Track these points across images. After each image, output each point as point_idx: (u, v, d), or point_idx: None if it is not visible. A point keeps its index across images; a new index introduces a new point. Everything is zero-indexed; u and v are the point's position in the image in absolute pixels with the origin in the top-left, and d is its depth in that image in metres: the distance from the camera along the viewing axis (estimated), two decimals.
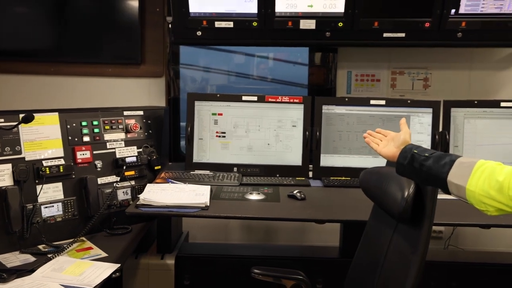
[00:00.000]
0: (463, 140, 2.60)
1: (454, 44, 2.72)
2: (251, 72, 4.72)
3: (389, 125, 2.61)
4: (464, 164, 1.33)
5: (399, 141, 1.61)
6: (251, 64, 4.77)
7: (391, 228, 1.70)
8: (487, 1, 2.56)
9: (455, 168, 1.33)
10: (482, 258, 2.64)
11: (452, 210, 2.14)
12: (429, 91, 3.18)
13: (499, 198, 1.24)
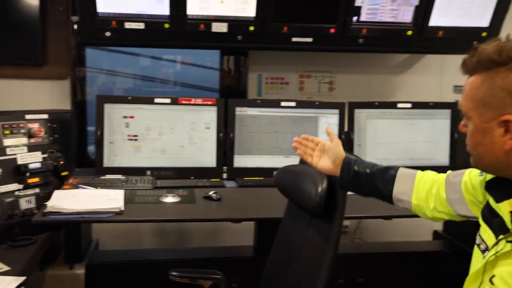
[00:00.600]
0: (366, 139, 2.78)
1: (356, 49, 2.91)
2: (159, 75, 4.65)
3: (298, 126, 2.72)
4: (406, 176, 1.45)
5: (334, 154, 1.57)
6: (158, 67, 4.70)
7: (305, 223, 1.78)
8: (384, 10, 2.77)
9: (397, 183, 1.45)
10: (384, 248, 2.84)
11: (357, 204, 2.27)
12: (334, 93, 3.36)
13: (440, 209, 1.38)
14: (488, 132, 1.03)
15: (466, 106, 1.08)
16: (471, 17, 2.86)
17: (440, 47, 3.00)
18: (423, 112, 2.84)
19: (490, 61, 1.01)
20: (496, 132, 1.02)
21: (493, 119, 1.02)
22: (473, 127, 1.07)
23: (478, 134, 1.06)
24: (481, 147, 1.06)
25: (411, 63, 3.45)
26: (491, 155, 1.05)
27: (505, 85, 0.98)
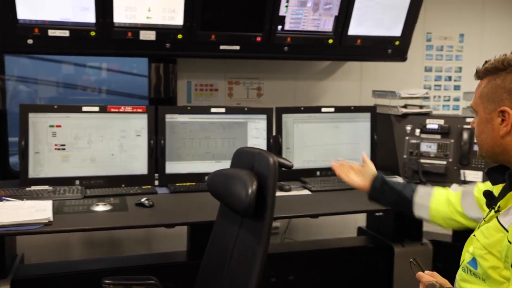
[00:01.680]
0: (293, 142, 2.91)
1: (282, 57, 3.04)
2: (84, 83, 4.55)
3: (228, 131, 2.79)
4: (425, 188, 1.80)
5: (368, 173, 1.93)
6: (83, 74, 4.59)
7: (237, 224, 1.85)
8: (307, 19, 2.92)
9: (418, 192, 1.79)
10: (313, 246, 2.98)
11: (286, 206, 2.39)
12: (262, 99, 3.47)
13: (454, 216, 1.69)
14: (489, 121, 1.28)
15: (475, 102, 1.33)
16: (385, 27, 3.09)
17: (358, 55, 3.21)
18: (345, 116, 3.02)
19: (495, 68, 1.27)
20: (495, 121, 1.26)
21: (493, 110, 1.26)
22: (479, 118, 1.32)
23: (482, 124, 1.30)
24: (483, 134, 1.30)
25: (333, 70, 3.65)
26: (490, 141, 1.29)
27: (503, 84, 1.24)
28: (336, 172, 2.00)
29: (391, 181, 1.90)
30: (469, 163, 2.87)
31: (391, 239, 2.88)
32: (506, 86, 1.24)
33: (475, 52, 3.92)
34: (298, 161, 2.91)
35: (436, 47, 3.87)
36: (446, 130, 2.97)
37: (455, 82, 3.94)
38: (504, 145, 1.27)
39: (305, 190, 2.67)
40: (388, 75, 3.70)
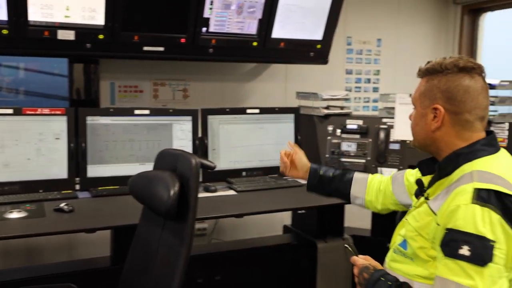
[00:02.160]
0: (219, 144, 2.92)
1: (207, 58, 3.06)
2: None
3: (153, 133, 2.76)
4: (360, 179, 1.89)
5: (301, 164, 2.02)
6: None
7: (160, 226, 1.84)
8: (231, 22, 2.95)
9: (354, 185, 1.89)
10: (239, 245, 3.00)
11: (212, 206, 2.41)
12: (189, 100, 3.46)
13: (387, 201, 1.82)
14: (424, 116, 1.40)
15: (414, 98, 1.46)
16: (307, 31, 3.19)
17: (282, 57, 3.29)
18: (270, 117, 3.08)
19: (433, 69, 1.39)
20: (429, 116, 1.39)
21: (428, 106, 1.39)
22: (416, 112, 1.45)
23: (418, 117, 1.43)
24: (418, 127, 1.43)
25: (259, 71, 3.71)
26: (423, 133, 1.41)
27: (439, 85, 1.36)
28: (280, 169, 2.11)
29: (327, 174, 1.95)
30: (385, 161, 3.04)
31: (315, 235, 2.98)
32: (441, 87, 1.36)
33: (391, 56, 4.15)
34: (224, 162, 2.93)
35: (356, 50, 4.05)
36: (364, 130, 3.12)
37: (373, 84, 4.15)
38: (434, 138, 1.39)
39: (231, 191, 2.70)
40: (311, 77, 3.83)
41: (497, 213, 1.17)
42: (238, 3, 2.90)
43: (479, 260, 1.15)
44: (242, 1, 2.91)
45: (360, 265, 1.45)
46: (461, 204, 1.20)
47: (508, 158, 1.37)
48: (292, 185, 2.85)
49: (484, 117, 1.37)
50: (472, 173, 1.27)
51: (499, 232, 1.16)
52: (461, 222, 1.19)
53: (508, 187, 1.22)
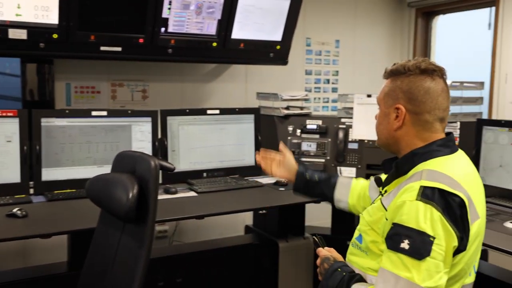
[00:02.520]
0: (179, 145, 2.90)
1: (166, 59, 3.03)
2: None
3: (111, 135, 2.70)
4: (344, 183, 1.93)
5: (288, 166, 2.03)
6: None
7: (119, 230, 1.81)
8: (190, 22, 2.94)
9: (337, 189, 1.93)
10: (201, 247, 2.99)
11: (172, 208, 2.38)
12: (148, 101, 3.42)
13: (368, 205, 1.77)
14: (387, 115, 1.44)
15: (379, 98, 1.49)
16: (266, 32, 3.21)
17: (242, 58, 3.30)
18: (230, 117, 3.08)
19: (397, 70, 1.43)
20: (391, 116, 1.43)
21: (391, 106, 1.43)
22: (380, 112, 1.49)
23: (382, 117, 1.47)
24: (381, 126, 1.48)
25: (219, 72, 3.71)
26: (386, 132, 1.46)
27: (402, 85, 1.40)
28: (261, 166, 2.11)
29: (313, 178, 1.98)
30: (344, 160, 3.10)
31: (276, 235, 3.00)
32: (403, 87, 1.40)
33: (349, 57, 4.23)
34: (184, 163, 2.91)
35: (315, 51, 4.11)
36: (324, 130, 3.17)
37: (332, 84, 4.22)
38: (396, 137, 1.43)
39: (192, 192, 2.68)
40: (272, 77, 3.86)
41: (439, 210, 1.21)
42: (197, 4, 2.89)
43: (417, 254, 1.19)
44: (201, 2, 2.89)
45: (323, 256, 1.50)
46: (406, 200, 1.25)
47: (462, 160, 1.42)
48: (253, 185, 2.86)
49: (444, 118, 1.41)
50: (423, 171, 1.31)
51: (439, 228, 1.20)
52: (405, 217, 1.23)
53: (454, 186, 1.26)
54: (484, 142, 2.73)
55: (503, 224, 2.22)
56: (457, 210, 1.24)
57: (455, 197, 1.24)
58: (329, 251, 1.54)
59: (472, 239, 1.28)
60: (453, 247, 1.22)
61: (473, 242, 1.29)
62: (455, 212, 1.23)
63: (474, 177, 1.40)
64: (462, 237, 1.24)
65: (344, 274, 1.38)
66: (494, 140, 2.68)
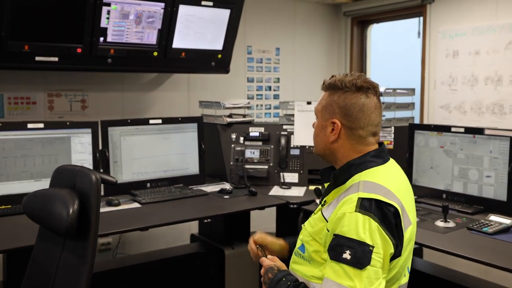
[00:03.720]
0: (121, 156, 2.86)
1: (106, 68, 2.98)
2: None
3: (49, 148, 2.63)
4: None
5: (275, 248, 1.72)
6: None
7: (59, 246, 1.76)
8: (130, 32, 2.91)
9: None
10: (146, 258, 2.95)
11: (115, 221, 2.35)
12: (87, 112, 3.34)
13: None
14: (324, 128, 1.49)
15: (317, 109, 1.53)
16: (207, 41, 3.24)
17: (184, 67, 3.31)
18: (173, 127, 3.07)
19: (334, 85, 1.48)
20: (328, 128, 1.48)
21: (327, 119, 1.48)
22: (318, 123, 1.53)
23: (319, 128, 1.52)
24: (318, 137, 1.52)
25: (161, 81, 3.69)
26: (323, 144, 1.51)
27: (338, 100, 1.46)
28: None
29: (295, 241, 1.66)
30: (287, 166, 3.17)
31: (222, 242, 3.03)
32: (340, 103, 1.46)
33: (290, 64, 4.34)
34: (127, 175, 2.87)
35: (256, 59, 4.18)
36: (266, 137, 3.24)
37: (274, 91, 4.31)
38: (332, 149, 1.49)
39: (135, 203, 2.65)
40: (214, 86, 3.88)
41: (376, 220, 1.28)
42: (137, 13, 2.87)
43: (358, 263, 1.26)
44: (140, 11, 2.88)
45: (266, 265, 1.53)
46: (346, 212, 1.32)
47: (393, 168, 1.51)
48: (197, 194, 2.87)
49: (376, 132, 1.48)
50: (360, 183, 1.39)
51: (377, 238, 1.27)
52: (346, 229, 1.30)
53: (389, 196, 1.34)
54: (416, 145, 2.89)
55: (434, 223, 2.36)
56: (392, 219, 1.31)
57: (390, 207, 1.32)
58: (272, 260, 1.57)
59: (405, 244, 1.36)
60: (390, 254, 1.30)
61: (407, 247, 1.38)
62: (390, 221, 1.31)
63: (406, 185, 1.49)
64: (398, 244, 1.32)
65: (289, 284, 1.43)
66: (425, 143, 2.85)
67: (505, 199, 2.49)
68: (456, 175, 2.70)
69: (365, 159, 1.45)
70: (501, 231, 2.20)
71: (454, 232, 2.25)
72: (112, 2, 2.75)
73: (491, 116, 3.48)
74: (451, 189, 2.72)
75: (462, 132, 2.69)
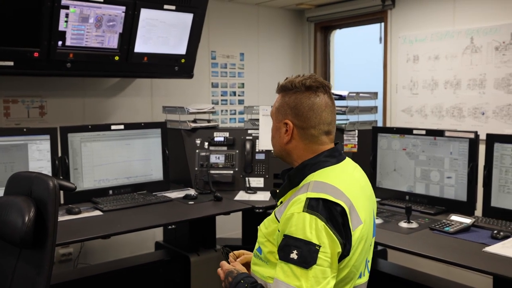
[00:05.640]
0: (82, 163, 2.78)
1: (65, 73, 2.89)
2: None
3: (6, 155, 2.52)
4: None
5: None
6: None
7: (14, 256, 1.69)
8: (90, 36, 2.84)
9: None
10: (109, 267, 2.87)
11: (75, 229, 2.28)
12: (46, 118, 3.24)
13: None
14: (278, 129, 1.49)
15: (272, 112, 1.53)
16: (170, 45, 3.20)
17: (147, 72, 3.25)
18: (136, 132, 3.01)
19: (286, 87, 1.49)
20: (282, 130, 1.47)
21: (281, 121, 1.48)
22: (273, 125, 1.53)
23: (274, 130, 1.52)
24: (274, 139, 1.52)
25: (123, 86, 3.62)
26: (278, 145, 1.50)
27: (289, 101, 1.46)
28: None
29: None
30: (252, 170, 3.16)
31: (187, 249, 2.98)
32: (290, 104, 1.46)
33: (254, 69, 4.34)
34: (88, 182, 2.80)
35: (221, 64, 4.17)
36: (231, 142, 3.21)
37: (239, 97, 4.29)
38: (288, 150, 1.49)
39: (96, 211, 2.58)
40: (178, 91, 3.84)
41: (323, 220, 1.28)
42: (97, 17, 2.80)
43: (304, 263, 1.26)
44: (100, 15, 2.81)
45: (226, 269, 1.52)
46: (295, 212, 1.32)
47: (347, 168, 1.48)
48: (161, 200, 2.81)
49: (330, 131, 1.47)
50: (310, 183, 1.38)
51: (324, 237, 1.27)
52: (294, 229, 1.30)
53: (337, 195, 1.33)
54: (379, 148, 2.93)
55: (398, 224, 2.39)
56: (339, 218, 1.30)
57: (337, 206, 1.32)
58: (233, 264, 1.56)
59: (355, 243, 1.34)
60: (338, 253, 1.30)
61: (357, 246, 1.35)
62: (337, 221, 1.30)
63: (360, 184, 1.48)
64: (345, 243, 1.32)
65: (246, 286, 1.42)
66: (388, 146, 2.89)
67: (465, 199, 2.55)
68: (418, 176, 2.75)
69: (319, 159, 1.44)
70: (461, 230, 2.25)
71: (417, 233, 2.28)
72: (70, 5, 2.68)
73: (451, 119, 3.57)
74: (414, 190, 2.77)
75: (423, 134, 2.74)
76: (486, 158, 2.47)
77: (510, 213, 2.36)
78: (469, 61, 3.45)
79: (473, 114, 3.44)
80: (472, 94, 3.44)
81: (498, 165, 2.42)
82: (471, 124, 3.41)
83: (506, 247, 2.03)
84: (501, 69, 3.28)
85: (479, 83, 3.40)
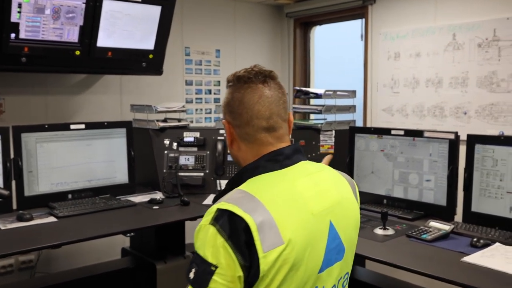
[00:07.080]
0: (37, 165, 2.58)
1: (20, 68, 2.70)
2: None
3: None
4: None
5: None
6: None
7: None
8: (46, 28, 2.65)
9: None
10: (72, 275, 2.70)
11: (25, 238, 2.09)
12: (4, 117, 3.04)
13: None
14: (226, 128, 1.28)
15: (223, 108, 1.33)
16: (137, 40, 3.02)
17: (111, 68, 3.07)
18: (98, 132, 2.82)
19: (227, 82, 1.28)
20: (227, 131, 1.28)
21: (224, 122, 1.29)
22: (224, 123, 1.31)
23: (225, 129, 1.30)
24: (227, 139, 1.31)
25: (90, 83, 3.43)
26: (229, 146, 1.31)
27: (225, 98, 1.28)
28: None
29: None
30: (224, 172, 2.98)
31: (154, 256, 2.80)
32: (225, 100, 1.27)
33: (230, 67, 4.16)
34: (44, 185, 2.60)
35: (195, 61, 3.99)
36: (202, 142, 3.04)
37: (215, 95, 4.12)
38: (233, 153, 1.29)
39: (51, 217, 2.38)
40: (149, 89, 3.66)
41: (223, 236, 1.05)
42: (54, 8, 2.61)
43: (197, 284, 1.04)
44: (58, 6, 2.62)
45: None
46: (202, 224, 1.10)
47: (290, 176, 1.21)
48: (124, 205, 2.63)
49: (271, 127, 1.23)
50: (232, 191, 1.16)
51: (222, 256, 1.04)
52: (198, 244, 1.09)
53: (248, 209, 1.08)
54: (357, 149, 2.78)
55: (373, 230, 2.24)
56: (242, 236, 1.06)
57: (242, 221, 1.06)
58: None
59: (271, 268, 1.07)
60: (239, 278, 1.05)
61: (277, 272, 1.08)
62: (239, 238, 1.05)
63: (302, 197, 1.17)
64: (250, 266, 1.06)
65: None
66: (365, 147, 2.74)
67: (445, 203, 2.41)
68: (396, 179, 2.61)
69: (259, 163, 1.21)
70: (439, 237, 2.10)
71: (393, 240, 2.13)
72: None
73: (432, 119, 3.44)
74: (392, 194, 2.63)
75: (402, 135, 2.60)
76: (467, 160, 2.32)
77: (490, 219, 2.22)
78: (451, 58, 3.31)
79: (455, 113, 3.31)
80: (454, 93, 3.30)
81: (479, 167, 2.28)
82: (453, 124, 3.28)
83: (485, 256, 1.89)
84: (483, 67, 3.15)
85: (461, 81, 3.27)
